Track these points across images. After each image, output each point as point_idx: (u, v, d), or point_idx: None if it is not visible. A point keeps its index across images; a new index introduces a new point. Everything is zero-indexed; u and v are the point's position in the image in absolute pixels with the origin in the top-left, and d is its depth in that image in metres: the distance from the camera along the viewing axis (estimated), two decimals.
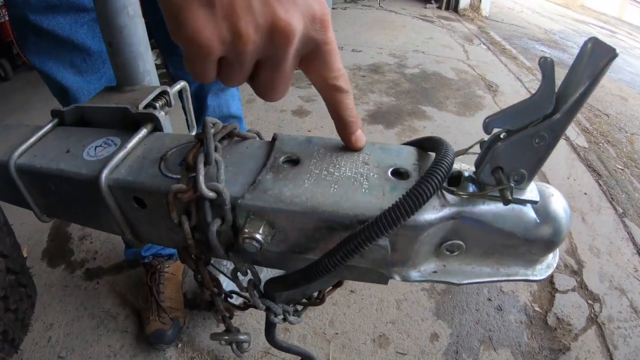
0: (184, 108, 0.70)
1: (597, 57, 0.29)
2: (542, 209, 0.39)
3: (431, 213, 0.35)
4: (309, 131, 2.71)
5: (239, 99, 1.46)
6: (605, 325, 1.63)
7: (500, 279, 0.41)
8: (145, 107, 0.54)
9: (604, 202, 2.33)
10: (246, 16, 0.31)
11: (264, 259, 0.45)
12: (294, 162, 0.42)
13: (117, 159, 0.44)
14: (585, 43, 0.30)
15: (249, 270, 0.46)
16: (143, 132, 0.49)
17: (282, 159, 0.42)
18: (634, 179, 2.63)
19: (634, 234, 2.12)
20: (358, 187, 0.38)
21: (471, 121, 3.02)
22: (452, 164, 0.34)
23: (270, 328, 0.62)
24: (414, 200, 0.31)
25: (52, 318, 1.51)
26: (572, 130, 3.03)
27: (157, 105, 0.56)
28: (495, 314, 1.61)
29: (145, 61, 0.62)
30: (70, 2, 0.90)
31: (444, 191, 0.37)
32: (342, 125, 0.42)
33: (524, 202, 0.37)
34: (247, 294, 0.51)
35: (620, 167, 2.73)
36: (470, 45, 4.79)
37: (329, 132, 2.69)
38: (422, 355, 1.46)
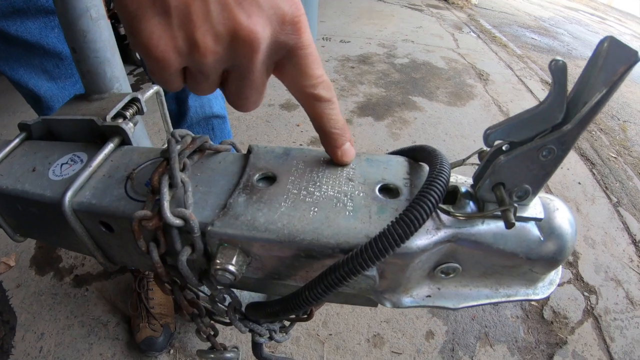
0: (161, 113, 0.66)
1: (614, 60, 0.24)
2: (546, 224, 0.35)
3: (424, 238, 0.31)
4: (298, 125, 2.67)
5: (222, 98, 1.41)
6: (601, 317, 1.62)
7: (500, 300, 0.38)
8: (115, 117, 0.51)
9: (598, 192, 2.32)
10: (203, 25, 0.28)
11: (242, 284, 0.42)
12: (269, 179, 0.38)
13: (81, 179, 0.41)
14: (601, 42, 0.25)
15: (227, 296, 0.43)
16: (109, 147, 0.46)
17: (256, 176, 0.38)
18: (628, 168, 2.63)
19: (629, 223, 2.11)
20: (341, 209, 0.34)
21: (462, 111, 2.99)
22: (448, 181, 0.30)
23: (257, 346, 0.59)
24: (405, 227, 0.27)
25: (42, 327, 1.47)
26: None
27: (127, 114, 0.53)
28: (490, 309, 1.59)
29: (113, 67, 0.58)
30: (38, 5, 0.85)
31: (438, 211, 0.33)
32: (327, 138, 0.38)
33: (527, 219, 0.33)
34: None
35: (613, 156, 2.73)
36: (460, 34, 4.75)
37: None
38: (418, 354, 1.44)
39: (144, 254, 0.40)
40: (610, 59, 0.25)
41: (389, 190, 0.36)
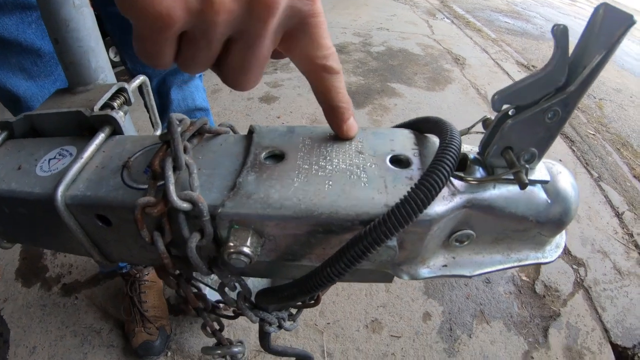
0: (145, 105, 0.64)
1: (611, 24, 0.25)
2: (552, 188, 0.36)
3: (442, 204, 0.31)
4: (278, 117, 2.65)
5: (203, 90, 1.38)
6: (591, 288, 1.67)
7: (512, 265, 0.38)
8: (102, 108, 0.48)
9: (579, 168, 2.39)
10: None
11: (252, 270, 0.41)
12: (277, 157, 0.37)
13: (72, 172, 0.39)
14: (596, 9, 0.26)
15: (237, 284, 0.42)
16: (100, 137, 0.44)
17: (263, 154, 0.37)
18: (606, 144, 2.71)
19: (611, 197, 2.19)
20: (356, 181, 0.33)
21: (441, 95, 3.03)
22: (460, 147, 0.30)
23: (264, 336, 0.58)
24: (426, 192, 0.27)
25: (34, 341, 1.43)
26: None
27: (115, 104, 0.51)
28: (484, 287, 1.63)
29: (98, 56, 0.55)
30: (14, 0, 0.81)
31: (452, 178, 0.33)
32: (333, 112, 0.36)
33: (535, 182, 0.34)
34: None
35: (591, 133, 2.81)
36: (434, 20, 4.79)
37: (299, 117, 2.65)
38: (417, 336, 1.46)
39: (148, 245, 0.38)
40: (607, 24, 0.26)
41: (399, 161, 0.35)
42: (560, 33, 0.26)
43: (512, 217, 0.35)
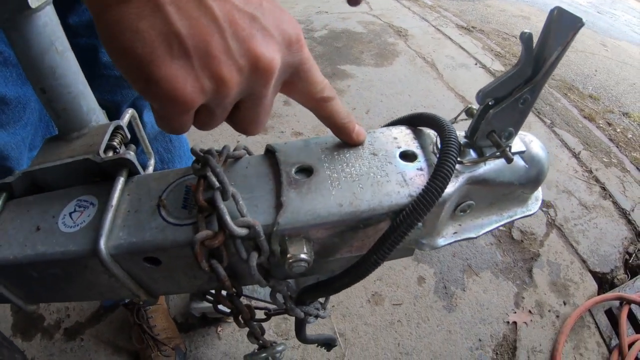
0: (135, 137, 0.63)
1: (564, 25, 0.33)
2: (527, 155, 0.44)
3: (450, 186, 0.39)
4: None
5: None
6: (563, 226, 1.84)
7: (506, 221, 0.47)
8: (105, 150, 0.47)
9: (532, 117, 2.57)
10: (227, 60, 0.29)
11: (293, 273, 0.45)
12: (306, 171, 0.42)
13: (108, 221, 0.39)
14: (551, 11, 0.34)
15: (279, 287, 0.45)
16: (121, 181, 0.43)
17: (293, 170, 0.41)
18: (554, 91, 2.91)
19: (566, 140, 2.38)
20: (380, 179, 0.39)
21: (391, 69, 3.11)
22: (458, 139, 0.38)
23: (301, 328, 0.63)
24: (442, 180, 0.35)
25: None
26: (487, 58, 3.25)
27: (115, 144, 0.49)
28: (466, 243, 1.76)
29: (88, 99, 0.54)
30: None
31: None
32: (340, 130, 0.42)
33: (515, 154, 0.42)
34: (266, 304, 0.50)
35: None
36: None
37: (290, 120, 2.66)
38: (416, 299, 1.57)
39: (199, 274, 0.41)
40: (561, 25, 0.33)
41: (407, 156, 0.42)
42: (526, 38, 0.34)
43: (502, 184, 0.43)
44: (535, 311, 1.56)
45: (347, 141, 0.44)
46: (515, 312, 1.54)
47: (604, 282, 1.70)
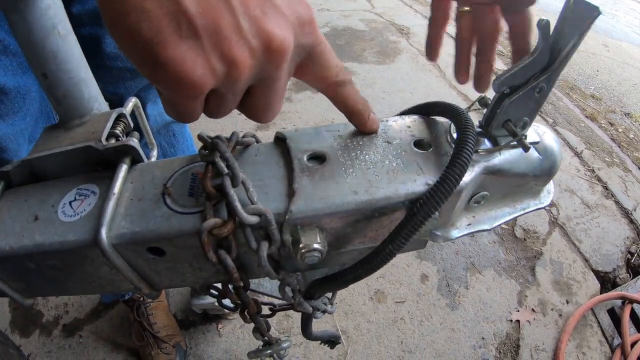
0: (138, 126, 0.61)
1: (581, 14, 0.32)
2: (541, 146, 0.43)
3: (467, 175, 0.38)
4: (239, 114, 2.64)
5: None
6: (565, 224, 1.84)
7: (519, 213, 0.46)
8: (107, 138, 0.45)
9: None
10: (239, 40, 0.27)
11: (304, 265, 0.43)
12: (319, 158, 0.40)
13: (109, 210, 0.37)
14: (567, 0, 0.33)
15: (289, 280, 0.44)
16: (124, 168, 0.41)
17: (305, 158, 0.40)
18: (556, 90, 2.91)
19: (568, 139, 2.37)
20: (395, 167, 0.38)
21: (393, 67, 3.11)
22: (474, 128, 0.37)
23: (307, 325, 0.62)
24: (460, 168, 0.34)
25: None
26: None
27: (117, 132, 0.47)
28: (470, 241, 1.75)
29: (90, 86, 0.52)
30: None
31: None
32: (354, 116, 0.41)
33: (530, 144, 0.41)
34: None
35: None
36: None
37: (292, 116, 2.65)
38: (419, 297, 1.56)
39: (204, 265, 0.39)
40: (577, 14, 0.33)
41: (421, 144, 0.41)
42: (543, 26, 0.33)
43: (516, 175, 0.42)
44: (538, 310, 1.55)
45: (360, 128, 0.42)
46: (519, 311, 1.53)
47: (606, 281, 1.69)
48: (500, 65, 3.10)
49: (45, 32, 0.44)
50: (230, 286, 0.45)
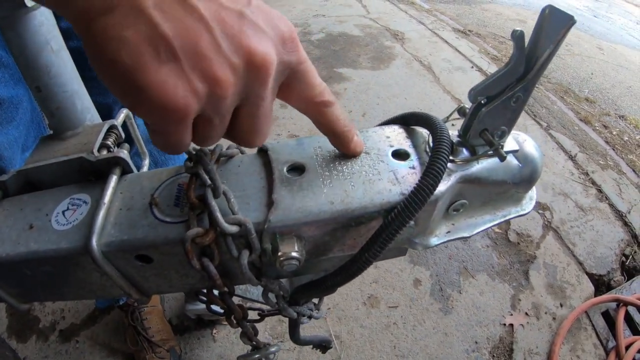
0: (130, 137, 0.63)
1: (556, 23, 0.33)
2: (521, 154, 0.44)
3: (443, 184, 0.38)
4: None
5: None
6: (559, 228, 1.85)
7: (500, 220, 0.47)
8: (99, 149, 0.48)
9: (528, 120, 2.58)
10: (218, 58, 0.27)
11: (285, 272, 0.45)
12: (298, 169, 0.41)
13: (100, 219, 0.39)
14: (543, 10, 0.34)
15: (271, 286, 0.45)
16: (114, 179, 0.43)
17: (285, 169, 0.41)
18: (550, 94, 2.93)
19: (562, 142, 2.39)
20: (372, 177, 0.39)
21: (388, 72, 3.12)
22: (450, 138, 0.38)
23: (295, 330, 0.63)
24: (434, 178, 0.34)
25: None
26: (483, 61, 3.27)
27: (109, 143, 0.50)
28: (463, 246, 1.75)
29: (83, 98, 0.54)
30: None
31: None
32: (339, 138, 0.40)
33: (508, 153, 0.42)
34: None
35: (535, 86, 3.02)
36: None
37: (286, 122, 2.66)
38: (412, 302, 1.56)
39: (190, 272, 0.41)
40: (553, 23, 0.33)
41: (400, 155, 0.42)
42: (517, 37, 0.34)
43: (495, 183, 0.43)
44: (532, 313, 1.56)
45: (344, 150, 0.42)
46: (512, 314, 1.54)
47: (601, 284, 1.70)
48: (495, 69, 3.11)
49: (39, 48, 0.46)
50: (216, 292, 0.47)
